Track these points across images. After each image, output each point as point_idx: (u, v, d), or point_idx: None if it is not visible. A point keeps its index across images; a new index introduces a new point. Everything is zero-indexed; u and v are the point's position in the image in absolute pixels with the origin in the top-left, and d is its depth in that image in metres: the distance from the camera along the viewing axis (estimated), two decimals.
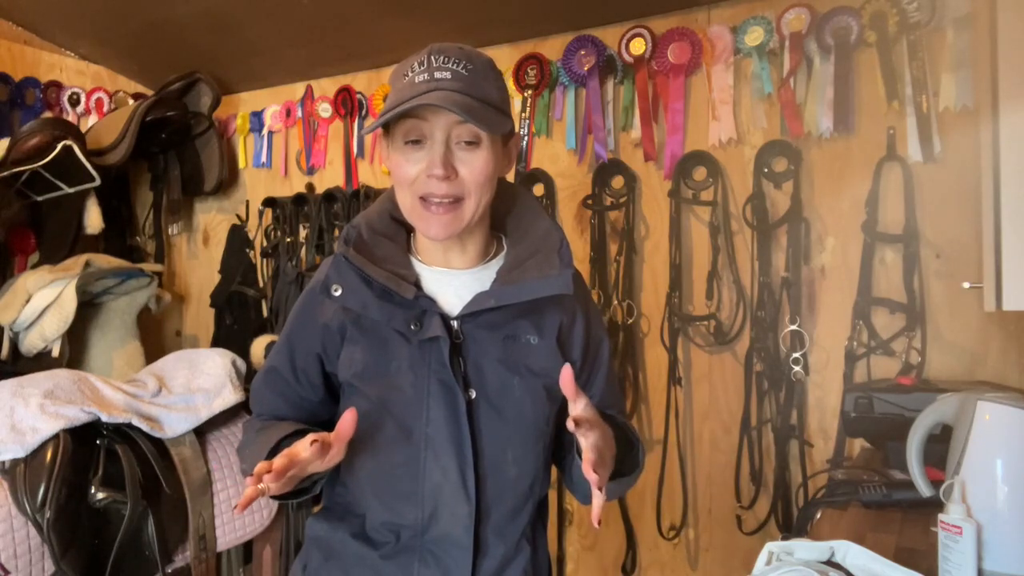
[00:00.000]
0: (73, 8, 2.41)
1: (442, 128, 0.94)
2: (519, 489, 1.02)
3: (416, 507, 0.99)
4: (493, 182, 1.00)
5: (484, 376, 0.99)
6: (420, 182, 0.96)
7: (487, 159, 0.96)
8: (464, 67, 0.94)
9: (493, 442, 0.99)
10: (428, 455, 0.98)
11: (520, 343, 1.01)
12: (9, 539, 1.38)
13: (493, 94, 0.97)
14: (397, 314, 0.98)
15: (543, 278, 0.99)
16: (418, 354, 0.98)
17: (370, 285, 0.98)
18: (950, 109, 1.73)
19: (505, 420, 1.00)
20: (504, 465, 1.00)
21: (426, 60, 0.94)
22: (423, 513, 0.99)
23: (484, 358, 0.99)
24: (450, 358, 0.97)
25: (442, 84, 0.92)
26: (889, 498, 1.26)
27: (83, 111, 2.83)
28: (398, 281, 0.98)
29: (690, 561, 2.08)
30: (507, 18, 2.15)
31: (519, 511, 1.03)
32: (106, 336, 2.41)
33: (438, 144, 0.94)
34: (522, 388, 1.00)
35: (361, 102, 2.58)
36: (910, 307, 1.77)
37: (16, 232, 2.39)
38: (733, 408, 2.00)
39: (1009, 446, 0.98)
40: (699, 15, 2.04)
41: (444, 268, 1.04)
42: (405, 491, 0.99)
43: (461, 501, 0.97)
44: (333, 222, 2.55)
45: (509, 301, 0.99)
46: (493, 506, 1.00)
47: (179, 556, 1.62)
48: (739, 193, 2.00)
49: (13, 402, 1.50)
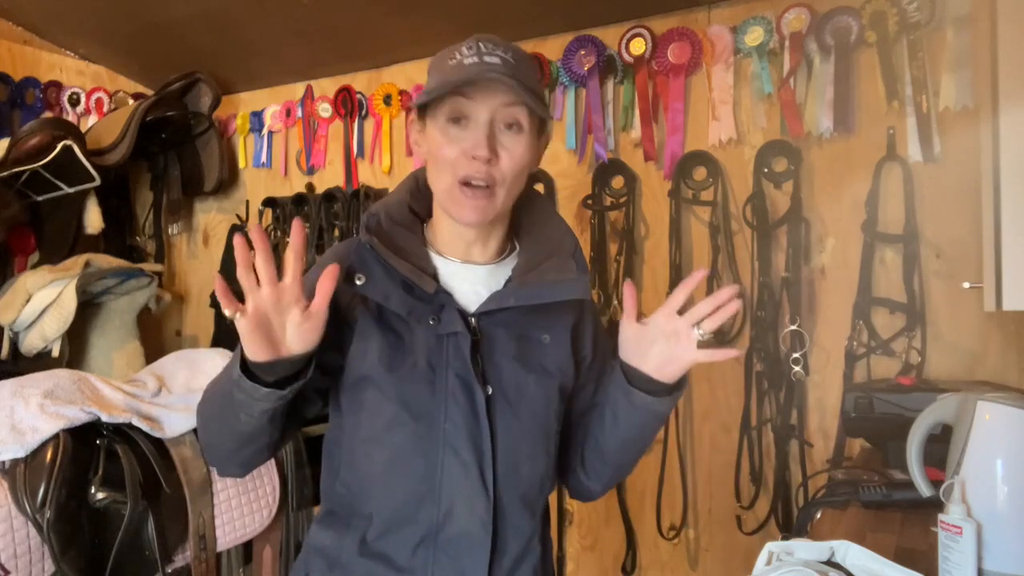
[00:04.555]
0: (73, 8, 2.41)
1: (488, 109, 0.95)
2: (532, 486, 1.03)
3: (432, 504, 0.97)
4: (526, 173, 1.01)
5: (501, 373, 0.99)
6: (461, 163, 0.96)
7: (527, 145, 0.98)
8: (512, 55, 0.96)
9: (508, 438, 0.99)
10: (446, 451, 0.97)
11: (533, 342, 1.02)
12: (9, 539, 1.38)
13: (536, 84, 1.00)
14: (417, 307, 0.97)
15: (561, 282, 1.02)
16: (436, 348, 0.97)
17: (392, 276, 0.98)
18: (950, 109, 1.73)
19: (520, 417, 1.00)
20: (519, 462, 1.00)
21: (475, 46, 0.95)
22: (439, 511, 0.97)
23: (501, 355, 1.00)
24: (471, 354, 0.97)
25: (494, 68, 0.93)
26: (889, 498, 1.26)
27: (83, 111, 2.83)
28: (419, 274, 0.98)
29: (690, 561, 2.08)
30: (507, 18, 2.15)
31: (531, 509, 1.03)
32: (106, 336, 2.41)
33: (482, 125, 0.95)
34: (536, 386, 1.01)
35: (361, 102, 2.58)
36: (910, 307, 1.77)
37: (16, 232, 2.39)
38: (733, 408, 2.00)
39: (1009, 446, 0.98)
40: (699, 15, 2.04)
41: (460, 261, 1.03)
42: (421, 488, 0.97)
43: (480, 497, 0.97)
44: (333, 222, 2.55)
45: (530, 302, 1.00)
46: (508, 503, 1.00)
47: (179, 556, 1.62)
48: (739, 193, 2.00)
49: (13, 402, 1.50)
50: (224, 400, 0.92)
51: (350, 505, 1.02)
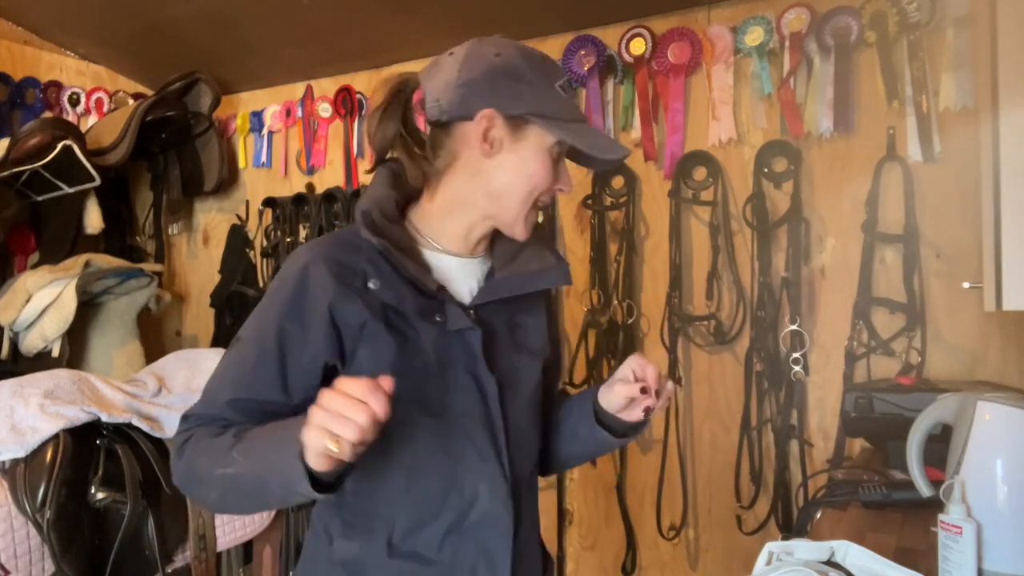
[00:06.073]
0: (73, 8, 2.41)
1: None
2: (533, 461, 1.09)
3: (457, 495, 0.98)
4: None
5: (500, 359, 1.02)
6: (546, 192, 1.01)
7: None
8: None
9: (512, 420, 1.02)
10: (465, 442, 0.98)
11: (518, 326, 1.07)
12: (9, 539, 1.38)
13: None
14: (424, 305, 0.97)
15: (545, 269, 1.06)
16: (443, 345, 0.98)
17: (400, 276, 0.96)
18: (950, 109, 1.73)
19: (520, 398, 1.04)
20: (522, 440, 1.05)
21: (565, 84, 1.01)
22: (463, 500, 0.98)
23: (498, 343, 1.03)
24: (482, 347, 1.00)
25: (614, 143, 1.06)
26: (889, 498, 1.26)
27: (83, 111, 2.83)
28: (423, 272, 0.98)
29: (690, 561, 2.08)
30: (507, 18, 2.15)
31: (532, 483, 1.09)
32: (106, 336, 2.41)
33: (563, 163, 1.02)
34: (527, 367, 1.06)
35: (361, 102, 2.58)
36: (910, 307, 1.77)
37: (16, 232, 2.39)
38: (733, 408, 2.00)
39: (1009, 446, 0.98)
40: (699, 15, 2.04)
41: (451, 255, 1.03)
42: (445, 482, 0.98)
43: (500, 480, 1.00)
44: (333, 222, 2.55)
45: (521, 291, 1.04)
46: (520, 480, 1.04)
47: (179, 556, 1.62)
48: (739, 193, 2.00)
49: (13, 402, 1.50)
50: (258, 487, 0.88)
51: (366, 512, 1.00)
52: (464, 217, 1.02)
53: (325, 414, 0.76)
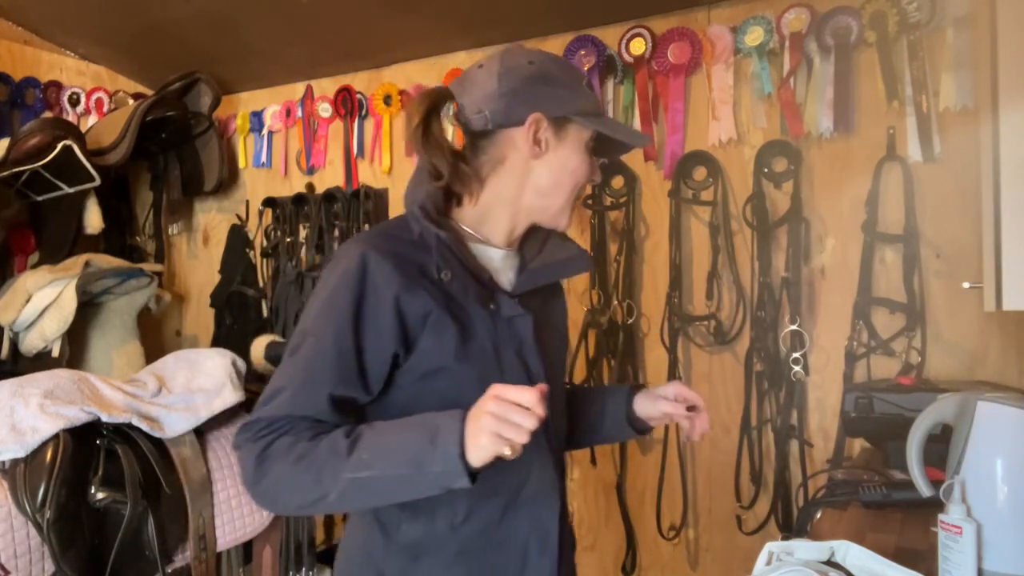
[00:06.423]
0: (73, 8, 2.41)
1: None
2: (562, 438, 1.18)
3: (513, 473, 1.04)
4: None
5: (543, 342, 1.09)
6: (584, 184, 1.09)
7: None
8: None
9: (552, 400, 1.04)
10: None
11: (548, 307, 1.16)
12: (9, 539, 1.38)
13: None
14: (480, 294, 1.03)
15: (571, 258, 1.14)
16: (494, 331, 1.03)
17: (464, 267, 1.02)
18: (950, 109, 1.73)
19: (555, 379, 1.12)
20: (558, 420, 1.14)
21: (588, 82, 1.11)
22: (519, 477, 1.05)
23: (539, 327, 1.08)
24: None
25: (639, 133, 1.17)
26: (889, 498, 1.26)
27: (83, 111, 2.83)
28: (478, 263, 1.05)
29: (690, 561, 2.08)
30: (507, 18, 2.15)
31: (562, 464, 1.17)
32: (106, 336, 2.41)
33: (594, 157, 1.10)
34: (559, 348, 1.18)
35: (361, 102, 2.58)
36: (910, 307, 1.77)
37: (16, 232, 2.39)
38: (733, 408, 2.00)
39: (1009, 446, 0.98)
40: (699, 15, 2.04)
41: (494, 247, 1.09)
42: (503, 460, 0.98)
43: (548, 457, 1.09)
44: (333, 222, 2.55)
45: (555, 278, 1.15)
46: (560, 460, 1.14)
47: (179, 556, 1.62)
48: (739, 193, 2.00)
49: (13, 402, 1.50)
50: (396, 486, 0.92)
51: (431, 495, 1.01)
52: (511, 214, 1.08)
53: (499, 422, 0.85)
